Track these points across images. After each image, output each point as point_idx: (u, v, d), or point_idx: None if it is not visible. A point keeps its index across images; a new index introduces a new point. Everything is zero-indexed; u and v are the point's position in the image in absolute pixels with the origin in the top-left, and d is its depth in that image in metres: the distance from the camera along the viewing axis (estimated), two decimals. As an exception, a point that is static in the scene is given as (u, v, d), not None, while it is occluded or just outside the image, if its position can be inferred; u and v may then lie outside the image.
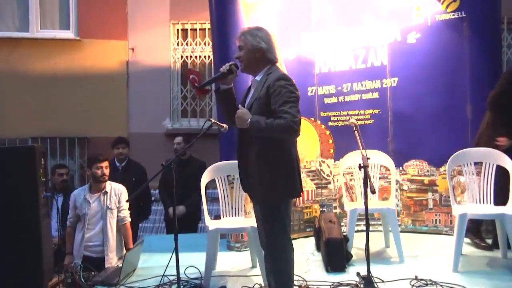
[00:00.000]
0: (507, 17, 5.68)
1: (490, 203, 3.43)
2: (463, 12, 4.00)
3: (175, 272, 2.85)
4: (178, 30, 6.06)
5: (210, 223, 3.33)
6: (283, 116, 2.35)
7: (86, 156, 5.74)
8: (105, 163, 3.80)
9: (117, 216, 3.78)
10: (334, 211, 4.28)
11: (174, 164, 2.79)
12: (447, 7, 4.07)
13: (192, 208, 4.50)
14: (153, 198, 5.02)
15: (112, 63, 5.99)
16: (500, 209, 3.27)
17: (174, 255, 2.73)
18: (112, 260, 3.70)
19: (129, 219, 3.85)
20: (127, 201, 3.77)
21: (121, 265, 3.50)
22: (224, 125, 2.80)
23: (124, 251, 3.77)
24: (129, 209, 3.85)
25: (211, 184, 3.54)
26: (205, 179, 3.51)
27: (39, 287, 2.70)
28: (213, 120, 2.83)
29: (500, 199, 3.38)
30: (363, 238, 2.93)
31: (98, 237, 3.70)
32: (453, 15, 4.04)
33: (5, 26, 6.04)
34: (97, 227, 3.71)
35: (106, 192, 3.77)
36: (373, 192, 2.72)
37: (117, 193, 3.81)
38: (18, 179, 2.69)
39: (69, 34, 6.01)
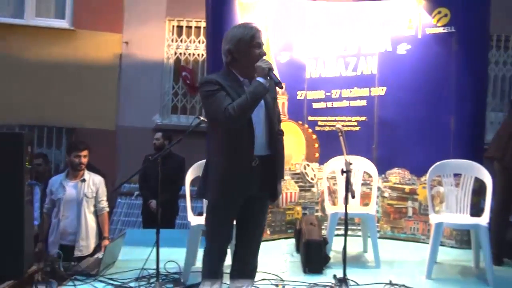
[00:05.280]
0: (497, 34, 5.83)
1: (467, 213, 3.53)
2: (453, 27, 4.09)
3: (154, 266, 2.91)
4: (173, 26, 6.10)
5: (193, 219, 3.37)
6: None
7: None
8: (84, 152, 3.79)
9: (96, 206, 3.82)
10: (315, 214, 4.35)
11: (160, 159, 2.84)
12: (438, 21, 4.16)
13: (168, 202, 4.45)
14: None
15: (105, 55, 6.00)
16: (474, 220, 3.37)
17: (154, 249, 2.76)
18: (83, 248, 3.72)
19: (107, 209, 3.90)
20: (115, 190, 3.79)
21: (99, 256, 3.53)
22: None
23: (97, 242, 3.82)
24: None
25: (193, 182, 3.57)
26: (190, 176, 3.54)
27: (19, 273, 2.70)
28: (202, 118, 2.87)
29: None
30: (342, 242, 3.00)
31: (72, 225, 3.72)
32: (443, 29, 4.13)
33: (0, 11, 6.01)
34: (72, 215, 3.73)
35: (84, 180, 3.79)
36: (353, 196, 2.78)
37: (95, 183, 3.83)
38: (4, 164, 2.70)
39: (64, 24, 6.01)
